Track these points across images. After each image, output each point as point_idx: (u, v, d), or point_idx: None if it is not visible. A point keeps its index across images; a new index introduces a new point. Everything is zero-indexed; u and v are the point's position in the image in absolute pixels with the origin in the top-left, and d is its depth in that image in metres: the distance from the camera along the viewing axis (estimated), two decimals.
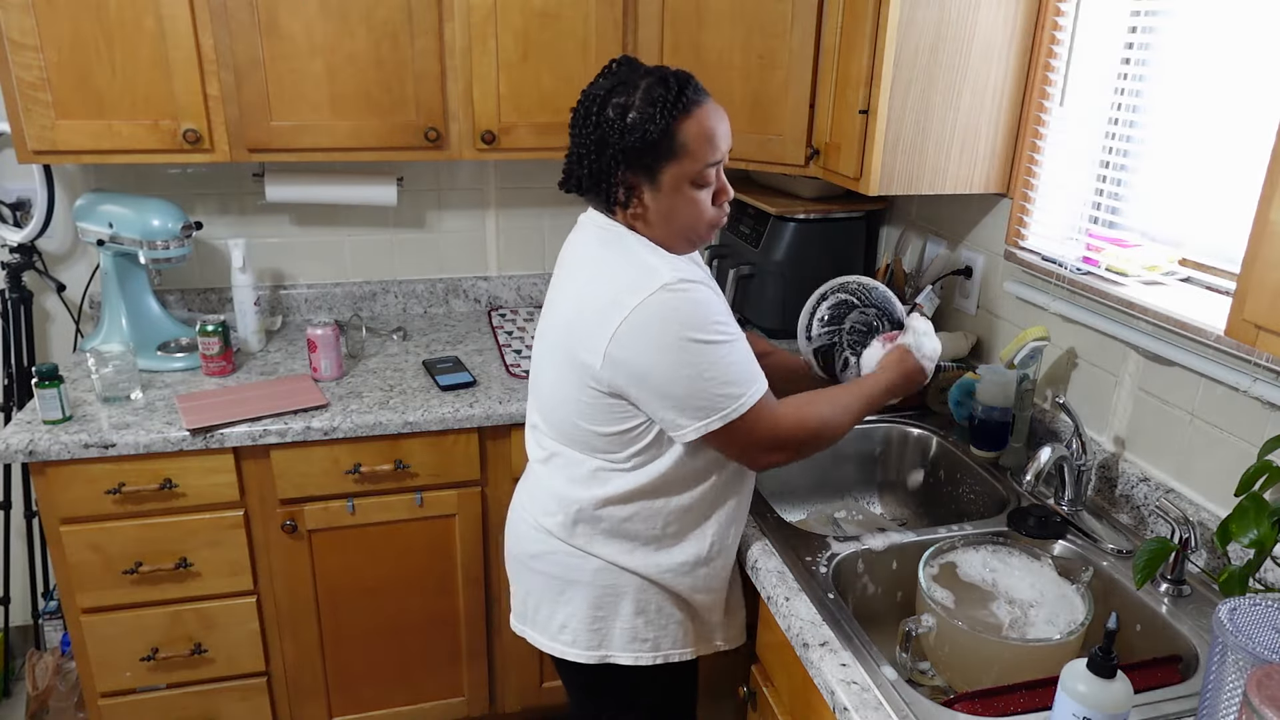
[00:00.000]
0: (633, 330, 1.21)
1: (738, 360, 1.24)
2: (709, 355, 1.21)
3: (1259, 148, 1.36)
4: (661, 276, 1.21)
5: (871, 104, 1.74)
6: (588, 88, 1.27)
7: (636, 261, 1.25)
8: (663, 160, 1.22)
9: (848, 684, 1.16)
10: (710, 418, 1.24)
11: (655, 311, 1.20)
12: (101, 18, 1.81)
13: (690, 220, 1.28)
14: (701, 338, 1.21)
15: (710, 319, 1.22)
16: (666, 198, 1.25)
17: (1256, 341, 0.99)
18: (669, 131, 1.21)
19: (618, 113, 1.21)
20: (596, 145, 1.23)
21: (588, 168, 1.25)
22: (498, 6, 1.99)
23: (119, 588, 1.87)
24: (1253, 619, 0.97)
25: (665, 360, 1.21)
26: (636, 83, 1.22)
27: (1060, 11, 1.70)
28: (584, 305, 1.28)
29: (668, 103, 1.20)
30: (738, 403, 1.24)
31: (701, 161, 1.24)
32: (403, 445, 1.93)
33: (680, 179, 1.24)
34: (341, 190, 2.29)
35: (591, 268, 1.31)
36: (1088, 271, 1.63)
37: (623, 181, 1.24)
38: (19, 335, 2.25)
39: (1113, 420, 1.64)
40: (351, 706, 2.14)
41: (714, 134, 1.24)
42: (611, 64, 1.28)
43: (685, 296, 1.21)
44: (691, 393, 1.22)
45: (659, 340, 1.21)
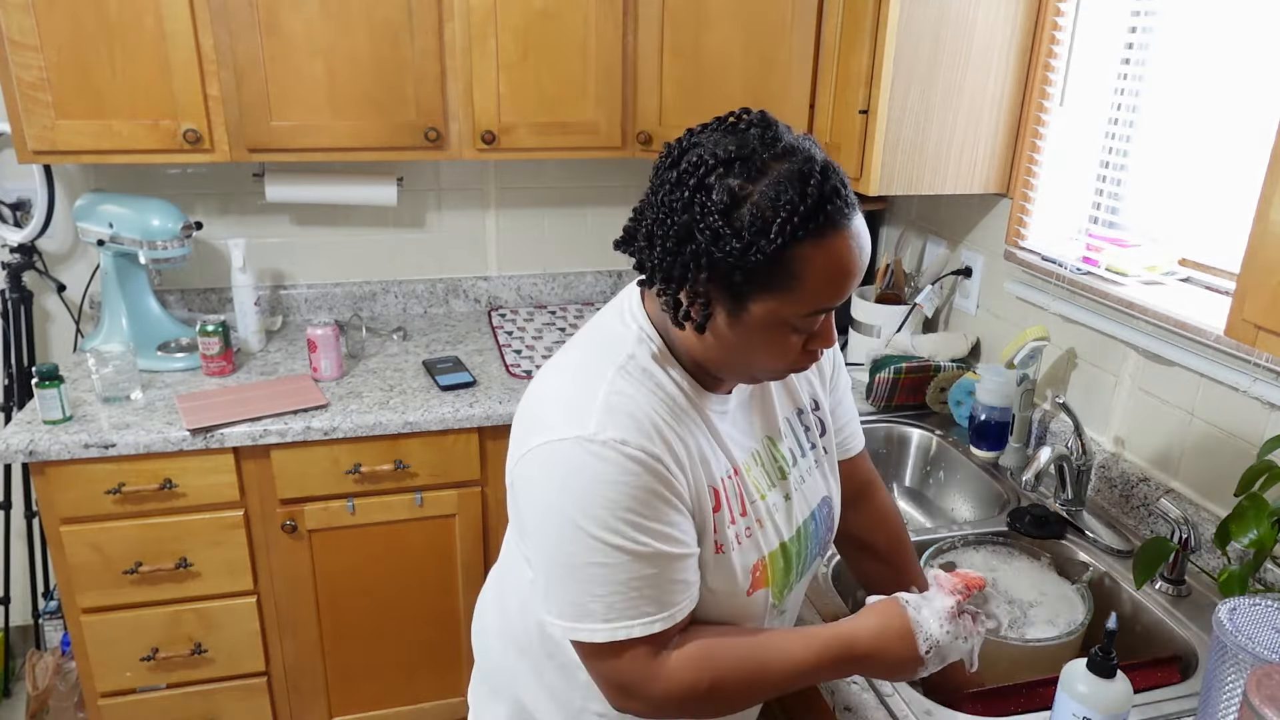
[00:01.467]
0: (529, 468, 0.93)
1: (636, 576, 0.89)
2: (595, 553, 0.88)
3: (1258, 148, 1.36)
4: (587, 425, 0.89)
5: (871, 104, 1.74)
6: (698, 135, 0.89)
7: (590, 383, 0.93)
8: (760, 290, 0.86)
9: (848, 684, 1.16)
10: (570, 623, 0.92)
11: (553, 463, 0.90)
12: (101, 17, 1.81)
13: (768, 365, 0.94)
14: (595, 528, 0.88)
15: (619, 509, 0.87)
16: (747, 333, 0.89)
17: (1256, 341, 0.99)
18: (783, 258, 0.84)
19: (724, 200, 0.83)
20: (679, 232, 0.86)
21: (660, 257, 0.88)
22: (498, 6, 1.99)
23: (119, 588, 1.87)
24: (1253, 619, 0.97)
25: (545, 522, 0.92)
26: (766, 164, 0.84)
27: (1060, 11, 1.70)
28: (528, 400, 1.00)
29: (797, 214, 0.82)
30: (601, 627, 0.90)
31: (813, 306, 0.88)
32: (403, 445, 1.93)
33: (776, 319, 0.88)
34: (341, 190, 2.29)
35: (563, 368, 1.01)
36: (1088, 271, 1.64)
37: (700, 293, 0.88)
38: (19, 335, 2.25)
39: (1113, 420, 1.64)
40: (351, 706, 2.14)
41: (847, 275, 0.87)
42: (742, 116, 0.89)
43: (600, 466, 0.87)
44: (560, 580, 0.92)
45: (547, 499, 0.91)
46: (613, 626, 0.90)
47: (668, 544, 0.90)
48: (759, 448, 1.04)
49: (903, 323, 2.06)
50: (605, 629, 0.90)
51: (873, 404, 1.97)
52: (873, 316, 2.10)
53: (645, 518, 0.89)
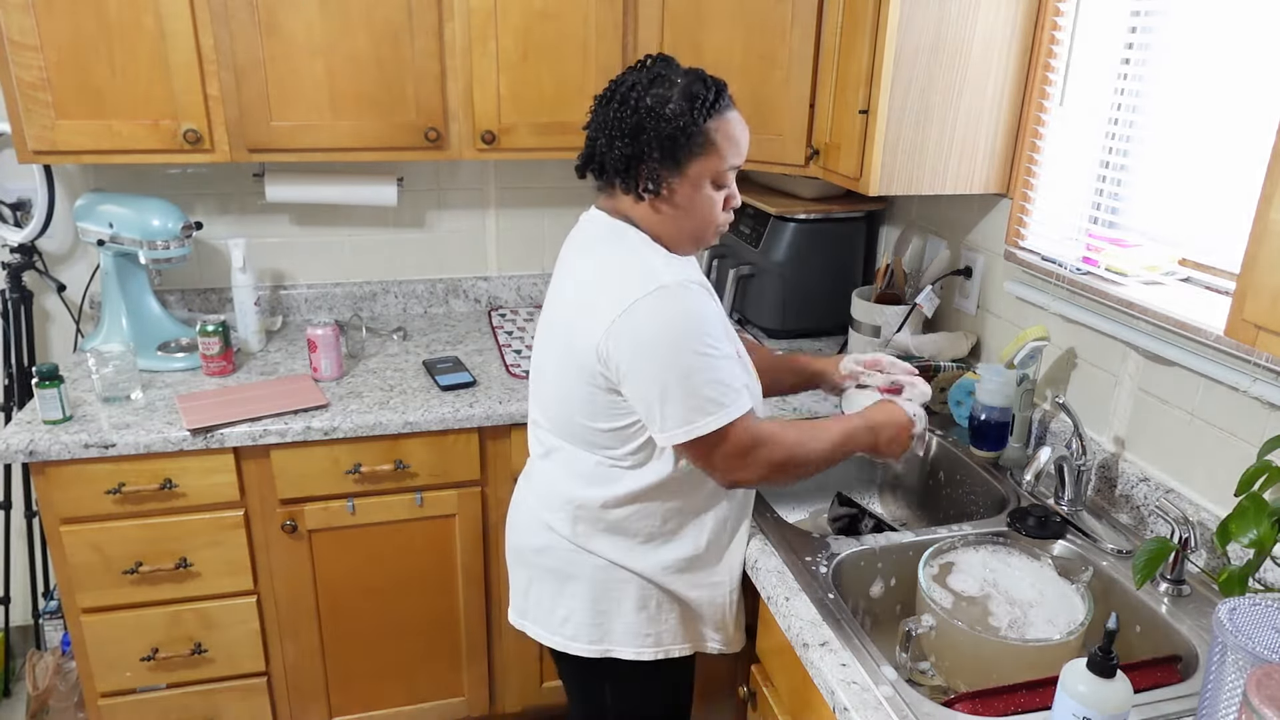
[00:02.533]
0: (628, 327, 1.23)
1: (723, 375, 1.26)
2: (696, 364, 1.23)
3: (1259, 148, 1.36)
4: (661, 276, 1.24)
5: (871, 104, 1.74)
6: (621, 77, 1.31)
7: (638, 259, 1.28)
8: (694, 154, 1.27)
9: (848, 684, 1.16)
10: (689, 425, 1.25)
11: (651, 311, 1.23)
12: (101, 17, 1.81)
13: (703, 219, 1.33)
14: (692, 345, 1.23)
15: (702, 330, 1.25)
16: (688, 191, 1.29)
17: (1256, 341, 0.99)
18: (703, 128, 1.26)
19: (657, 102, 1.25)
20: (632, 131, 1.26)
21: (619, 152, 1.28)
22: (498, 6, 1.99)
23: (119, 588, 1.87)
24: (1253, 619, 0.97)
25: (654, 362, 1.24)
26: (675, 79, 1.28)
27: (1060, 11, 1.70)
28: (584, 300, 1.31)
29: (706, 101, 1.26)
30: (717, 415, 1.25)
31: (726, 161, 1.29)
32: (403, 445, 1.93)
33: (703, 175, 1.29)
34: (341, 190, 2.29)
35: (594, 263, 1.34)
36: (1088, 271, 1.64)
37: (652, 170, 1.27)
38: (19, 335, 2.25)
39: (1113, 420, 1.64)
40: (351, 706, 2.14)
41: (740, 139, 1.31)
42: (647, 59, 1.32)
43: (682, 303, 1.24)
44: (675, 397, 1.24)
45: (652, 341, 1.23)
46: (719, 413, 1.25)
47: (730, 349, 1.30)
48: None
49: (903, 323, 2.06)
50: (710, 421, 1.25)
51: None
52: (873, 316, 2.10)
53: (715, 329, 1.27)
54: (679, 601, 1.44)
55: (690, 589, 1.43)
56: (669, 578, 1.41)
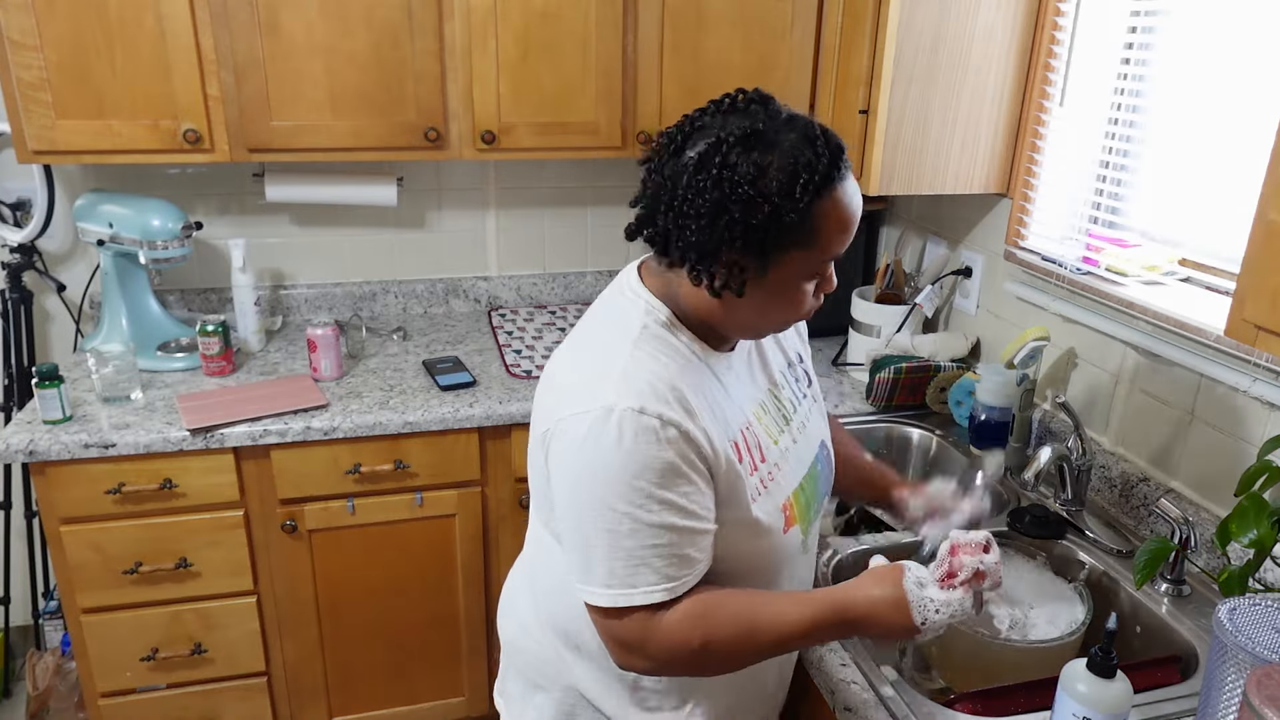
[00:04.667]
0: (559, 439, 0.97)
1: (647, 546, 0.93)
2: (611, 521, 0.93)
3: (1259, 148, 1.36)
4: (609, 395, 0.93)
5: (871, 104, 1.74)
6: (700, 118, 0.97)
7: (606, 357, 0.99)
8: (790, 246, 0.94)
9: (848, 684, 1.16)
10: (580, 583, 0.98)
11: (579, 432, 0.94)
12: (101, 18, 1.81)
13: (785, 317, 1.03)
14: (613, 498, 0.93)
15: (636, 477, 0.92)
16: (773, 288, 0.97)
17: (1256, 341, 0.99)
18: (809, 213, 0.92)
19: (748, 174, 0.90)
20: (711, 210, 0.91)
21: (695, 235, 0.93)
22: (498, 6, 1.99)
23: (119, 588, 1.87)
24: (1253, 619, 0.97)
25: (571, 489, 0.98)
26: (778, 137, 0.92)
27: (1060, 11, 1.70)
28: (551, 386, 1.05)
29: (815, 174, 0.91)
30: (604, 592, 0.96)
31: (829, 253, 0.97)
32: (403, 445, 1.93)
33: (798, 271, 0.97)
34: (341, 190, 2.29)
35: (584, 334, 1.08)
36: (1088, 271, 1.64)
37: (730, 261, 0.94)
38: (19, 335, 2.25)
39: (1113, 420, 1.64)
40: (351, 706, 2.14)
41: (852, 220, 0.97)
42: (740, 95, 0.98)
43: (617, 435, 0.92)
44: (575, 544, 0.98)
45: (573, 467, 0.96)
46: (614, 592, 0.95)
47: (677, 515, 0.94)
48: (765, 398, 1.11)
49: (903, 323, 2.06)
50: (607, 594, 0.96)
51: (873, 404, 1.97)
52: (873, 316, 2.10)
53: (657, 486, 0.93)
54: None
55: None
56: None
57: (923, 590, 0.98)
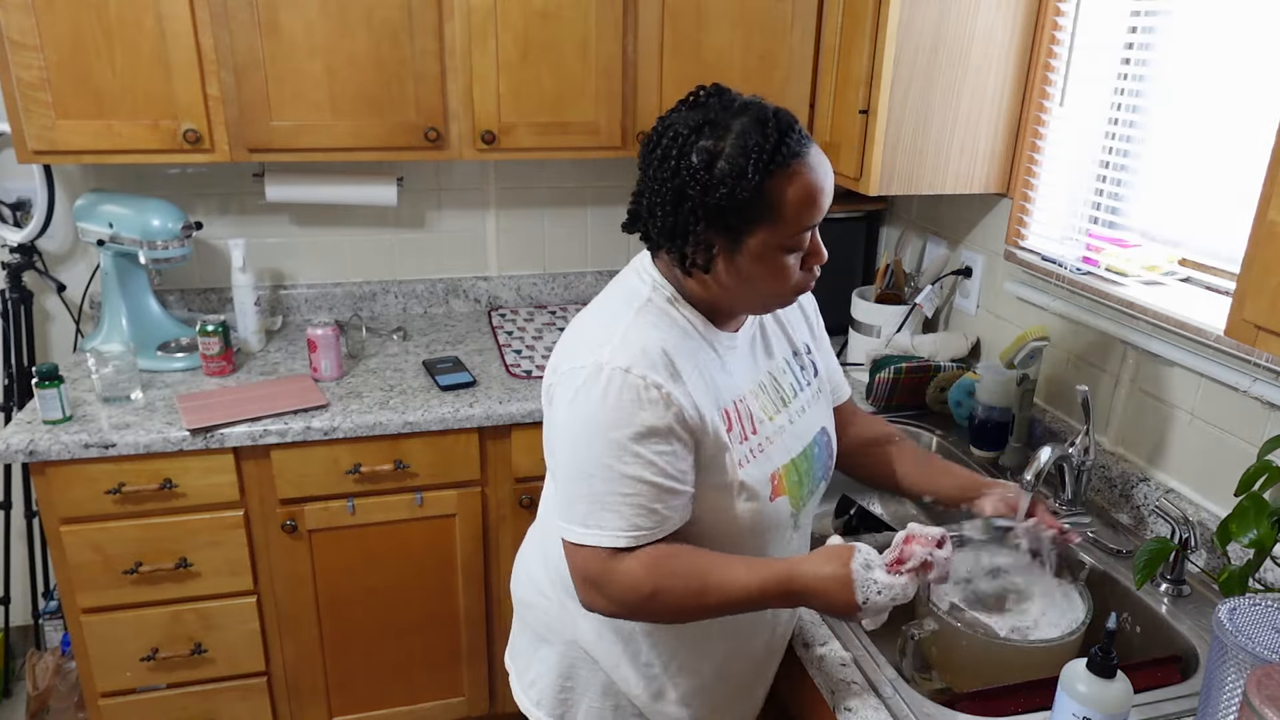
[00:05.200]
0: (556, 393, 1.08)
1: (607, 493, 1.01)
2: (585, 466, 1.02)
3: (1259, 148, 1.36)
4: (603, 354, 1.03)
5: (871, 104, 1.74)
6: (668, 116, 1.05)
7: (606, 324, 1.08)
8: (751, 223, 1.01)
9: (848, 684, 1.16)
10: (561, 520, 1.06)
11: (575, 387, 1.04)
12: (101, 18, 1.81)
13: (773, 289, 1.08)
14: (591, 443, 1.02)
15: (614, 428, 1.00)
16: (749, 264, 1.04)
17: (1256, 341, 0.99)
18: (762, 190, 0.99)
19: (703, 160, 0.99)
20: (674, 196, 1.01)
21: (661, 219, 1.03)
22: (498, 6, 1.99)
23: (119, 588, 1.87)
24: (1253, 619, 0.97)
25: (559, 436, 1.07)
26: (729, 123, 1.00)
27: (1060, 11, 1.70)
28: (557, 350, 1.14)
29: (764, 154, 0.98)
30: (576, 530, 1.04)
31: (797, 226, 1.02)
32: (403, 445, 1.93)
33: (769, 245, 1.03)
34: (341, 190, 2.29)
35: (592, 308, 1.17)
36: (1088, 271, 1.64)
37: (701, 241, 1.03)
38: (19, 335, 2.25)
39: (1113, 420, 1.64)
40: (351, 706, 2.14)
41: (817, 194, 1.02)
42: (699, 92, 1.07)
43: (603, 389, 1.01)
44: (559, 482, 1.08)
45: (563, 417, 1.06)
46: (584, 530, 1.04)
47: (651, 472, 1.02)
48: (764, 379, 1.18)
49: (903, 323, 2.06)
50: (578, 531, 1.04)
51: (873, 404, 1.97)
52: (873, 316, 2.10)
53: (634, 441, 1.01)
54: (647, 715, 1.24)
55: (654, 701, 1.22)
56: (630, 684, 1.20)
57: (868, 572, 1.03)
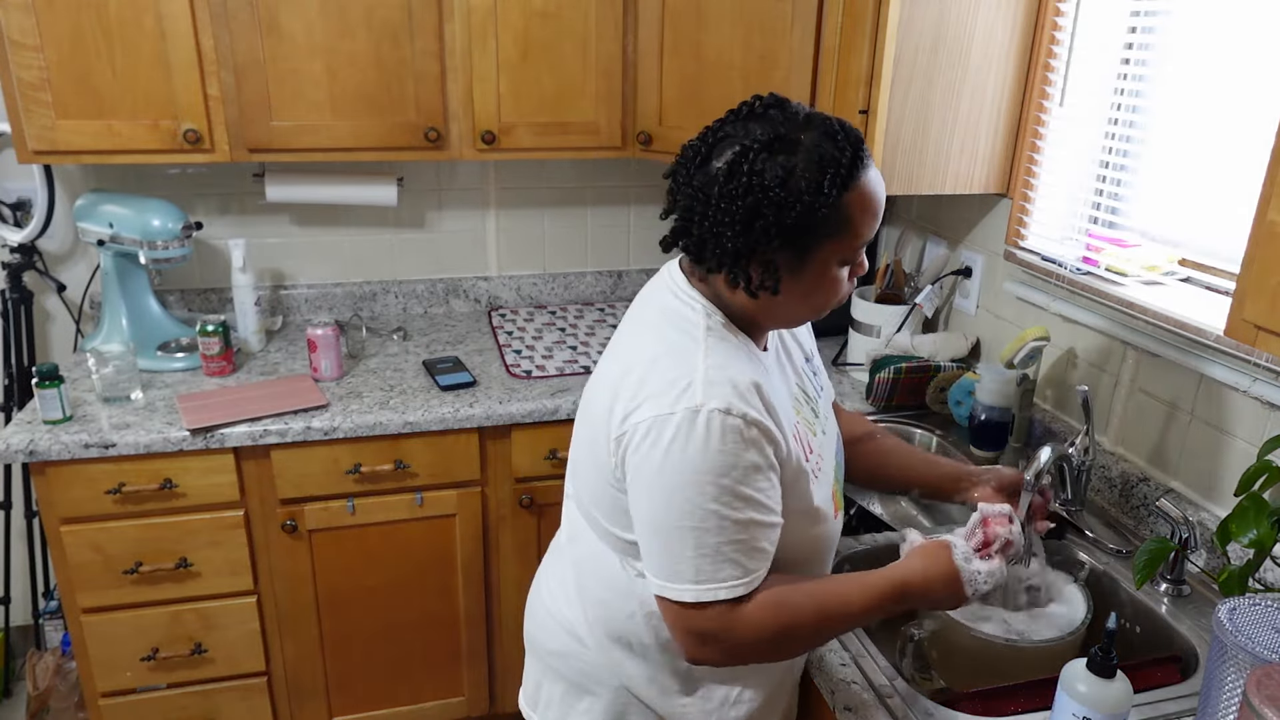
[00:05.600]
0: (636, 442, 1.00)
1: (719, 544, 0.98)
2: (691, 519, 0.97)
3: (1259, 148, 1.36)
4: (695, 395, 0.97)
5: (871, 104, 1.74)
6: (723, 128, 1.02)
7: (683, 359, 1.01)
8: (823, 237, 0.99)
9: (848, 684, 1.16)
10: (661, 580, 1.01)
11: (665, 433, 0.97)
12: (101, 17, 1.81)
13: (824, 302, 1.06)
14: (695, 496, 0.97)
15: (720, 475, 0.96)
16: (809, 278, 1.02)
17: (1256, 341, 0.99)
18: (839, 205, 0.97)
19: (777, 177, 0.95)
20: (745, 215, 0.96)
21: (731, 242, 0.98)
22: (498, 6, 1.99)
23: (119, 588, 1.87)
24: (1253, 619, 0.97)
25: (650, 486, 1.00)
26: (799, 137, 0.97)
27: (1060, 11, 1.70)
28: (620, 389, 1.05)
29: (841, 169, 0.96)
30: (687, 587, 0.99)
31: (862, 238, 1.02)
32: (403, 445, 1.93)
33: (832, 258, 1.02)
34: (341, 190, 2.29)
35: (645, 347, 1.07)
36: (1087, 271, 1.64)
37: (766, 259, 0.99)
38: (19, 335, 2.25)
39: (1113, 420, 1.64)
40: (351, 706, 2.14)
41: (879, 203, 1.02)
42: (756, 102, 1.03)
43: (704, 436, 0.96)
44: (658, 541, 1.01)
45: (656, 464, 0.98)
46: (700, 588, 0.99)
47: (759, 511, 0.99)
48: (796, 393, 1.15)
49: (903, 323, 2.06)
50: (693, 589, 0.99)
51: (872, 404, 1.97)
52: (873, 316, 2.10)
53: (741, 483, 0.97)
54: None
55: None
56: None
57: (970, 565, 1.07)
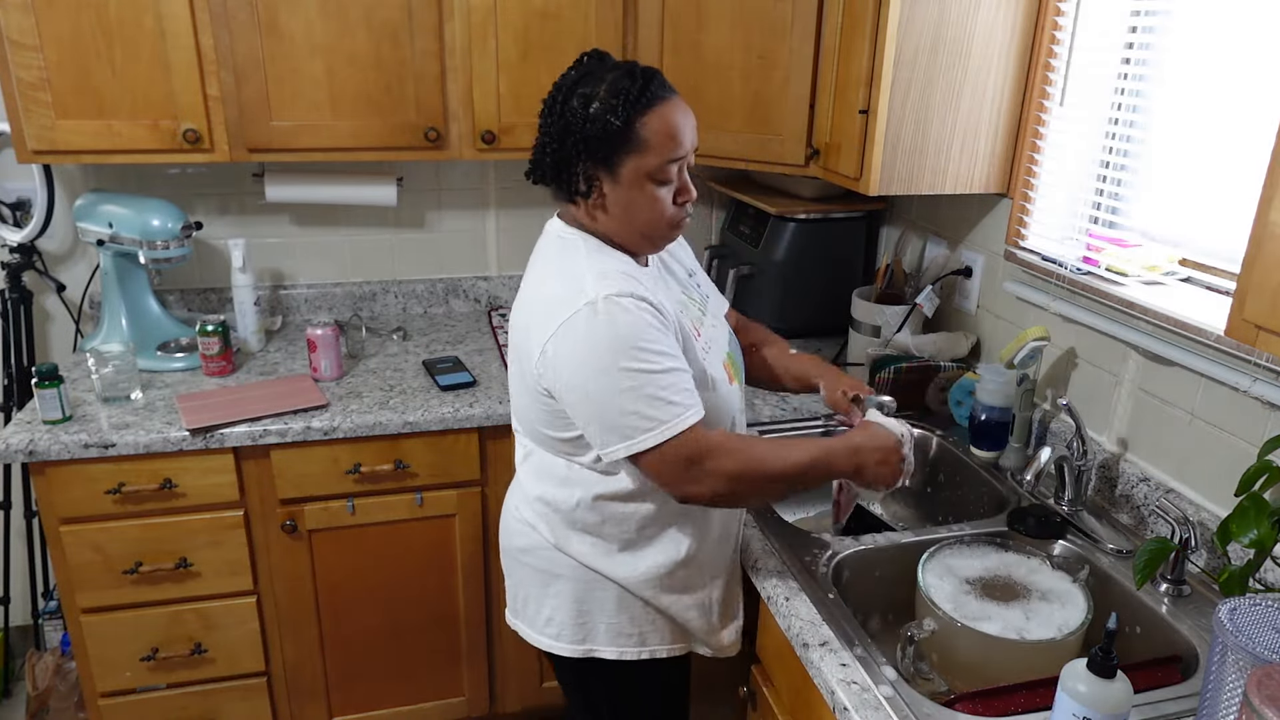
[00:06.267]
0: (555, 349, 1.21)
1: (659, 390, 1.20)
2: (626, 382, 1.19)
3: (1259, 148, 1.36)
4: (586, 293, 1.20)
5: (871, 104, 1.74)
6: (559, 80, 1.27)
7: (572, 273, 1.25)
8: (622, 153, 1.22)
9: (848, 684, 1.16)
10: (627, 441, 1.21)
11: (577, 331, 1.20)
12: (101, 17, 1.81)
13: (650, 217, 1.27)
14: (621, 363, 1.18)
15: (632, 345, 1.19)
16: (625, 191, 1.25)
17: (1256, 341, 0.99)
18: (630, 124, 1.21)
19: (581, 103, 1.21)
20: (559, 134, 1.23)
21: (550, 156, 1.25)
22: (497, 6, 1.99)
23: (119, 588, 1.87)
24: (1253, 619, 0.97)
25: (584, 381, 1.21)
26: (603, 75, 1.23)
27: (1060, 11, 1.70)
28: (529, 312, 1.29)
29: (631, 96, 1.20)
30: (654, 431, 1.20)
31: (662, 157, 1.23)
32: (403, 445, 1.93)
33: (640, 173, 1.23)
34: (341, 190, 2.29)
35: (536, 277, 1.32)
36: (1088, 271, 1.64)
37: (583, 172, 1.24)
38: (19, 335, 2.25)
39: (1113, 420, 1.64)
40: (351, 706, 2.14)
41: (677, 130, 1.24)
42: (582, 57, 1.28)
43: (608, 319, 1.19)
44: (609, 416, 1.21)
45: (580, 361, 1.20)
46: (662, 428, 1.20)
47: (674, 361, 1.23)
48: (681, 298, 1.38)
49: (903, 323, 2.06)
50: (654, 434, 1.20)
51: None
52: (873, 316, 2.10)
53: (650, 344, 1.20)
54: (661, 607, 1.41)
55: (669, 596, 1.39)
56: (645, 586, 1.38)
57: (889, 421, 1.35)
